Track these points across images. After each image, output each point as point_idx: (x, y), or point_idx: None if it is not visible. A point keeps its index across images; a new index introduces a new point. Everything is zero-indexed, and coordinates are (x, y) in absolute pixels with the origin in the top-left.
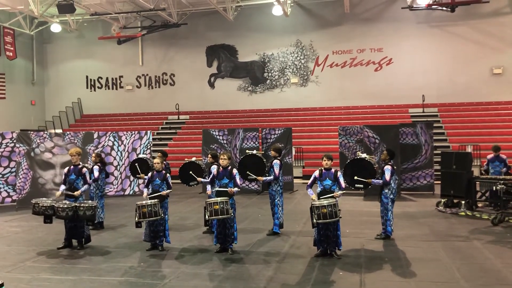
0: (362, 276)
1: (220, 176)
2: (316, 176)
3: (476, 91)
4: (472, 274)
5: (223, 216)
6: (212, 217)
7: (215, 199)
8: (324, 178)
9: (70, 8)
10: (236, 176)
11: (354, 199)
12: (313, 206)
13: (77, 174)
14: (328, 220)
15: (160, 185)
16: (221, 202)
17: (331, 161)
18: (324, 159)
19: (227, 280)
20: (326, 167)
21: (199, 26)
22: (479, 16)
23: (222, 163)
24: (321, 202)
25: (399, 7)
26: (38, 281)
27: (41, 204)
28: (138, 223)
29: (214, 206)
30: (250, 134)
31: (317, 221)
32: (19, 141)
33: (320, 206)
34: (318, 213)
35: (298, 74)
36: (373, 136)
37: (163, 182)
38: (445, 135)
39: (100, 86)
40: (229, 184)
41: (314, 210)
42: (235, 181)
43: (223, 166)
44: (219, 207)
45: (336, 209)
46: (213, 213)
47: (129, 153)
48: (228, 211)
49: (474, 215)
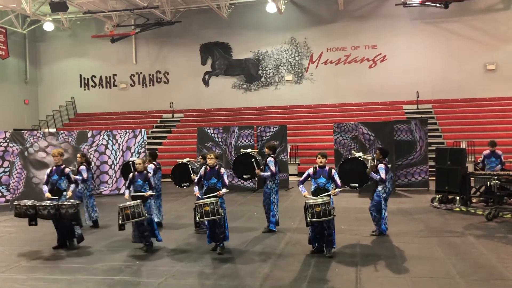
0: (358, 272)
1: (208, 176)
2: (309, 173)
3: (470, 87)
4: (467, 269)
5: (214, 217)
6: (203, 218)
7: (205, 201)
8: (318, 176)
9: (62, 7)
10: (224, 175)
11: (349, 195)
12: (306, 205)
13: (60, 174)
14: (322, 219)
15: (142, 186)
16: (211, 203)
17: (326, 159)
18: (319, 156)
19: (223, 278)
20: (321, 165)
21: (193, 24)
22: (473, 12)
23: (209, 162)
24: (315, 201)
25: (393, 4)
26: (33, 280)
27: (22, 204)
28: (121, 226)
29: (205, 207)
30: (245, 132)
31: (311, 219)
32: (12, 140)
33: (313, 205)
34: (312, 212)
35: (292, 72)
36: (368, 133)
37: (145, 183)
38: (440, 132)
39: (93, 84)
40: (217, 183)
41: (307, 209)
42: (223, 181)
43: (210, 165)
44: (210, 208)
45: (330, 207)
46: (204, 215)
47: (124, 151)
48: (218, 211)
49: (468, 210)
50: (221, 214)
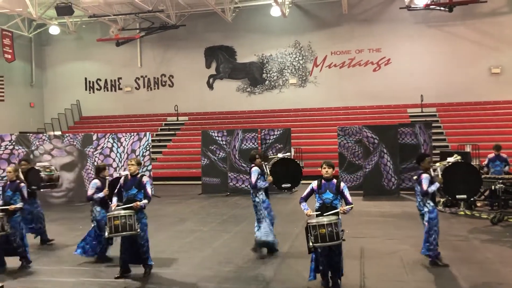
0: (362, 276)
1: (128, 186)
2: (313, 188)
3: (474, 90)
4: (472, 273)
5: (126, 233)
6: (113, 234)
7: (117, 212)
8: (324, 190)
9: (68, 10)
10: (146, 185)
11: (353, 199)
12: (309, 226)
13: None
14: (328, 243)
15: (11, 197)
16: (124, 216)
17: (333, 169)
18: (324, 166)
19: (227, 281)
20: (327, 176)
21: (198, 28)
22: (477, 16)
23: (130, 170)
24: (319, 221)
25: (397, 8)
26: (37, 283)
27: None
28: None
29: (115, 221)
30: (249, 135)
31: (314, 244)
32: (18, 143)
33: (317, 226)
34: (315, 234)
35: (296, 75)
36: (372, 136)
37: (15, 194)
38: (444, 135)
39: (99, 88)
40: (138, 194)
41: (310, 231)
42: (145, 192)
43: (131, 173)
44: (121, 222)
45: (338, 229)
46: (113, 230)
47: (128, 154)
48: (132, 226)
49: (473, 214)
50: (136, 230)
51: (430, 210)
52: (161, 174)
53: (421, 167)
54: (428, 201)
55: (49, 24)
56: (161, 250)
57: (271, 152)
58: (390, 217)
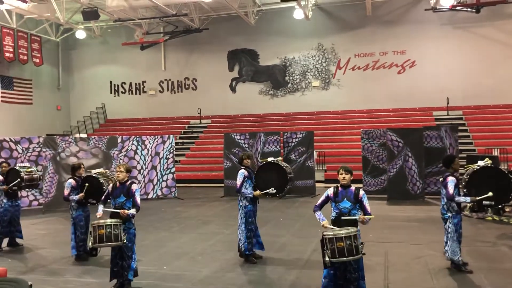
0: (386, 281)
1: (116, 194)
2: (329, 195)
3: (502, 93)
4: (500, 280)
5: (111, 244)
6: (96, 244)
7: (103, 221)
8: (341, 199)
9: (94, 15)
10: (135, 193)
11: (377, 203)
12: (325, 239)
13: None
14: (347, 258)
15: (124, 203)
16: (109, 226)
17: (350, 175)
18: (341, 171)
19: (249, 284)
20: (344, 183)
21: (221, 31)
22: (505, 16)
23: (118, 177)
24: (336, 233)
25: (422, 9)
26: (63, 283)
27: None
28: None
29: (99, 230)
30: (272, 138)
31: (331, 259)
32: (45, 145)
33: (334, 239)
34: (332, 248)
35: (319, 78)
36: (397, 140)
37: (129, 200)
38: (471, 138)
39: (123, 91)
40: (127, 203)
41: (327, 244)
42: (134, 200)
43: (119, 180)
44: (106, 231)
45: (357, 242)
46: (97, 240)
47: (152, 157)
48: (118, 236)
49: (501, 220)
50: (123, 241)
51: (454, 216)
52: (184, 176)
53: (451, 169)
54: (452, 204)
55: (76, 28)
56: (184, 252)
57: (293, 155)
58: (415, 221)
